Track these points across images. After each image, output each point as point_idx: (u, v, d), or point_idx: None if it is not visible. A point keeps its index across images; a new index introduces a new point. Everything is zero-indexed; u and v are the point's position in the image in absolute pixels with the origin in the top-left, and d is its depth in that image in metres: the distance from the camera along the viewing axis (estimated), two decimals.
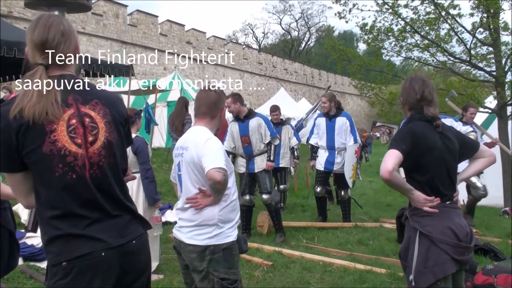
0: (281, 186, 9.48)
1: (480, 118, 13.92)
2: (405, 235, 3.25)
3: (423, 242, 3.04)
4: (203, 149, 3.20)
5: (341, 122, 8.16)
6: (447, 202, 3.12)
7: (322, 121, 8.37)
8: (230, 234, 3.34)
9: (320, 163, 8.35)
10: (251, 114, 7.17)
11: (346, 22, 11.90)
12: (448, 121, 6.63)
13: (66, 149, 2.13)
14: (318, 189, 8.34)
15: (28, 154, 2.10)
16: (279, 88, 35.62)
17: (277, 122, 9.34)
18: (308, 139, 8.73)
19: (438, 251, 2.99)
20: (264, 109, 19.02)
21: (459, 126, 7.01)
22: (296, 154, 9.72)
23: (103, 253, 2.16)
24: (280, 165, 9.09)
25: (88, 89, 2.29)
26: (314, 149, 8.57)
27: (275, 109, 9.54)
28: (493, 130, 11.30)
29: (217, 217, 3.28)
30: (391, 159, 2.94)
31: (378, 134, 49.70)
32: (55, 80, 2.16)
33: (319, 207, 8.65)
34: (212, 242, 3.27)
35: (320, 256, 6.26)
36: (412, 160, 3.03)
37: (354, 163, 8.20)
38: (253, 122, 7.06)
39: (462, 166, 3.31)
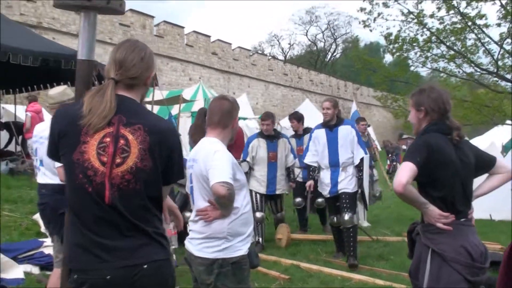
0: (278, 215, 7.93)
1: (505, 130, 13.64)
2: (415, 252, 3.11)
3: (435, 260, 2.90)
4: (210, 162, 3.14)
5: (345, 131, 6.66)
6: (462, 219, 2.97)
7: (321, 133, 6.79)
8: (240, 248, 3.26)
9: (324, 189, 6.79)
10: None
11: (371, 31, 11.86)
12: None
13: (89, 163, 2.20)
14: (334, 219, 6.84)
15: (64, 156, 2.27)
16: (304, 99, 35.44)
17: (269, 135, 7.56)
18: (303, 157, 7.21)
19: (450, 271, 2.85)
20: (287, 120, 18.87)
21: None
22: (292, 176, 7.88)
23: (108, 276, 2.16)
24: (277, 192, 7.63)
25: (139, 112, 2.33)
26: (311, 168, 6.97)
27: (266, 117, 7.63)
28: None
29: (226, 230, 3.21)
30: (405, 172, 2.82)
31: (404, 147, 49.07)
32: (117, 98, 2.26)
33: (338, 239, 6.99)
34: (221, 255, 3.19)
35: (338, 270, 6.13)
36: (426, 173, 2.90)
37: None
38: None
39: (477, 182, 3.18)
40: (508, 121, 11.52)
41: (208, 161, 3.16)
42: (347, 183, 6.59)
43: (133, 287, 2.21)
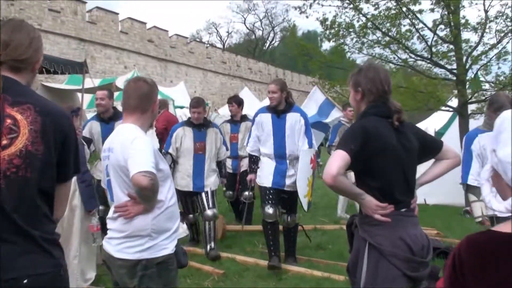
0: (208, 211, 6.42)
1: (442, 117, 13.89)
2: (354, 246, 2.86)
3: (373, 255, 2.65)
4: (129, 150, 2.79)
5: (293, 119, 5.75)
6: (402, 210, 2.72)
7: (266, 119, 5.86)
8: (165, 246, 2.94)
9: (266, 177, 5.85)
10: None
11: (307, 17, 11.65)
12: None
13: None
14: (270, 210, 5.74)
15: None
16: (243, 87, 35.23)
17: (197, 124, 6.54)
18: (246, 143, 6.32)
19: (388, 266, 2.60)
20: (227, 109, 18.57)
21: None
22: (224, 171, 7.02)
23: None
24: (205, 189, 6.49)
25: (27, 92, 2.03)
26: (253, 159, 6.13)
27: (197, 104, 6.55)
28: (455, 129, 11.21)
29: (150, 227, 2.88)
30: (336, 161, 2.55)
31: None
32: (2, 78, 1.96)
33: (272, 239, 5.83)
34: (145, 255, 2.86)
35: None
36: (362, 161, 2.65)
37: (309, 176, 5.84)
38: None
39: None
40: (442, 108, 11.70)
41: (126, 149, 2.81)
42: (294, 181, 5.72)
43: None
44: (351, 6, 10.98)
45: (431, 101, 11.10)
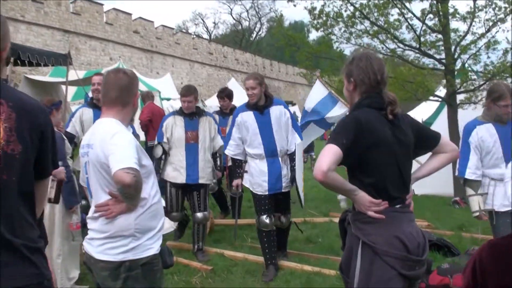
0: (199, 214, 6.03)
1: (430, 107, 13.83)
2: (347, 244, 2.72)
3: (366, 254, 2.52)
4: (109, 146, 2.64)
5: (277, 112, 5.39)
6: (397, 206, 2.59)
7: (249, 117, 5.39)
8: (150, 246, 2.80)
9: (259, 184, 5.39)
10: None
11: (294, 5, 11.45)
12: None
13: None
14: (267, 220, 5.36)
15: None
16: (230, 78, 35.04)
17: (189, 113, 6.06)
18: (224, 148, 5.75)
19: (382, 266, 2.47)
20: (214, 100, 18.45)
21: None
22: (219, 163, 6.52)
23: None
24: (200, 181, 6.00)
25: None
26: (237, 163, 5.64)
27: (187, 92, 6.04)
28: (443, 119, 11.15)
29: (134, 226, 2.74)
30: (327, 157, 2.40)
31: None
32: None
33: (268, 248, 5.43)
34: (129, 256, 2.72)
35: None
36: (355, 156, 2.51)
37: (302, 171, 5.80)
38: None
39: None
40: (431, 97, 11.62)
41: (106, 145, 2.66)
42: (288, 178, 5.47)
43: None
44: None
45: (419, 91, 11.00)
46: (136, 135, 5.99)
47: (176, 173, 5.97)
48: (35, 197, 1.99)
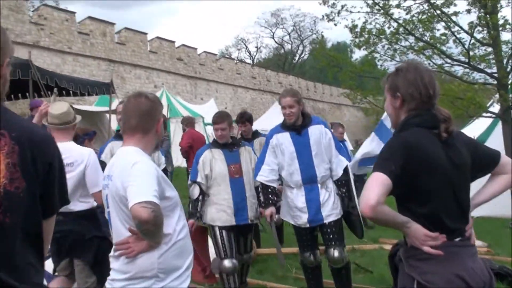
0: (245, 256, 5.46)
1: (482, 124, 13.21)
2: (399, 283, 2.36)
3: None
4: (128, 177, 2.39)
5: (317, 133, 4.77)
6: (457, 239, 2.23)
7: (284, 139, 4.80)
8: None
9: (297, 216, 4.82)
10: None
11: (335, 25, 11.24)
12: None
13: None
14: (311, 258, 4.91)
15: None
16: (274, 102, 34.93)
17: (225, 143, 5.22)
18: (256, 175, 4.98)
19: None
20: (259, 124, 18.28)
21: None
22: (263, 199, 5.06)
23: None
24: (249, 220, 5.18)
25: None
26: (270, 189, 4.90)
27: (219, 119, 5.16)
28: (497, 136, 10.56)
29: (157, 266, 2.47)
30: (375, 188, 2.06)
31: None
32: None
33: (316, 284, 5.06)
34: None
35: None
36: (406, 184, 2.15)
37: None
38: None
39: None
40: (484, 114, 11.06)
41: (125, 176, 2.42)
42: (332, 207, 4.75)
43: None
44: (381, 11, 10.49)
45: (471, 107, 10.48)
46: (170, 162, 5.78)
47: (223, 214, 5.05)
48: (42, 237, 1.74)
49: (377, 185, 2.07)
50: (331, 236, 4.78)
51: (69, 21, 25.92)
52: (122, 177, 2.44)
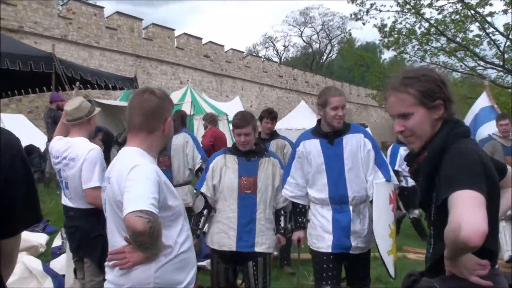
0: None
1: None
2: None
3: None
4: (126, 182, 2.15)
5: (354, 143, 3.88)
6: (496, 266, 1.91)
7: (314, 147, 3.94)
8: None
9: (320, 237, 3.92)
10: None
11: (363, 24, 10.92)
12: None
13: None
14: None
15: None
16: (300, 101, 34.60)
17: (247, 150, 4.22)
18: (282, 186, 4.21)
19: None
20: (284, 123, 18.01)
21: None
22: (283, 223, 4.28)
23: None
24: (256, 249, 4.07)
25: None
26: (298, 209, 4.12)
27: (242, 122, 4.11)
28: None
29: (153, 280, 2.23)
30: (480, 211, 1.65)
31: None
32: None
33: None
34: None
35: None
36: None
37: (391, 223, 3.88)
38: None
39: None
40: None
41: (122, 181, 2.18)
42: (364, 238, 3.87)
43: None
44: (412, 11, 10.12)
45: (504, 112, 10.03)
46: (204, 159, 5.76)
47: (222, 236, 4.12)
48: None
49: (480, 207, 1.67)
50: (361, 273, 4.05)
51: (97, 15, 26.02)
52: (119, 181, 2.21)
